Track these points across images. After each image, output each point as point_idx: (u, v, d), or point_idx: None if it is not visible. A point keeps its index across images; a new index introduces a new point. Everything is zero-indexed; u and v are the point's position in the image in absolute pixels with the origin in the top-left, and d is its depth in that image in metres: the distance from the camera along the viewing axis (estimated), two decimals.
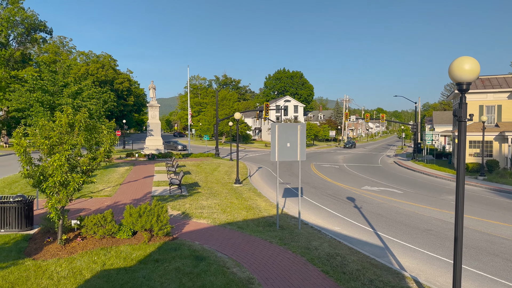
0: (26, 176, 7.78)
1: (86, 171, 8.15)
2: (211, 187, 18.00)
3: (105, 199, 13.98)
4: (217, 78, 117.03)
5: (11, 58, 44.68)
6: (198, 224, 10.83)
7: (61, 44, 68.02)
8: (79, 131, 8.04)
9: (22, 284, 6.30)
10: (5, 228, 9.02)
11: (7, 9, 42.67)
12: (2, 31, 41.92)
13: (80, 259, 7.48)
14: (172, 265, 7.33)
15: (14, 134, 7.92)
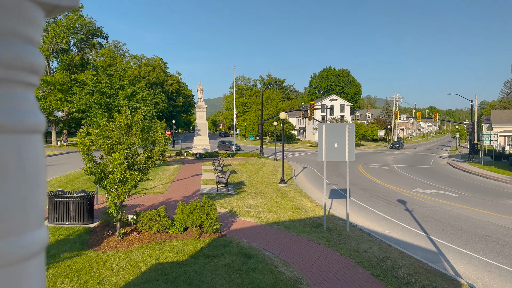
0: (89, 173, 8.39)
1: (142, 169, 8.62)
2: (256, 186, 18.21)
3: (158, 196, 14.66)
4: (261, 78, 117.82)
5: (72, 62, 48.04)
6: (245, 222, 11.03)
7: (115, 48, 71.99)
8: (136, 131, 8.53)
9: (86, 273, 6.81)
10: (69, 221, 9.78)
11: (68, 17, 45.93)
12: (64, 38, 45.20)
13: (137, 252, 7.94)
14: (222, 261, 7.55)
15: (78, 134, 8.57)
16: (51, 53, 45.77)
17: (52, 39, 44.48)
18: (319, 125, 10.30)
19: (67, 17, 45.95)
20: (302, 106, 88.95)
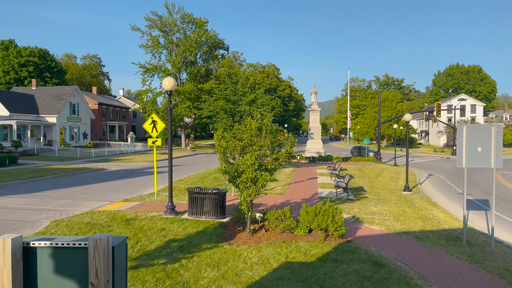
0: (224, 172, 9.12)
1: (270, 170, 9.01)
2: (377, 192, 17.35)
3: (278, 197, 15.14)
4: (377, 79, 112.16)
5: (198, 73, 53.15)
6: (371, 229, 10.59)
7: (234, 58, 77.17)
8: (266, 134, 8.96)
9: (224, 264, 7.40)
10: (205, 215, 10.77)
11: (196, 32, 51.00)
12: (192, 51, 50.32)
13: (266, 249, 8.31)
14: (351, 267, 7.38)
15: (215, 136, 9.41)
16: (182, 66, 51.37)
17: (182, 53, 49.90)
18: (458, 126, 9.30)
19: (195, 32, 51.05)
20: (424, 107, 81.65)
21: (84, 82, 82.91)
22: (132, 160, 33.79)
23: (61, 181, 19.71)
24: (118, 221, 10.39)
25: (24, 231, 9.60)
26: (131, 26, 49.30)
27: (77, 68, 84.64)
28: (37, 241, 3.05)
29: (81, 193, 15.92)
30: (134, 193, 15.85)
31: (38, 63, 63.65)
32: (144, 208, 12.44)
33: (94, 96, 61.64)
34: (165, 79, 11.28)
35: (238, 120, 20.83)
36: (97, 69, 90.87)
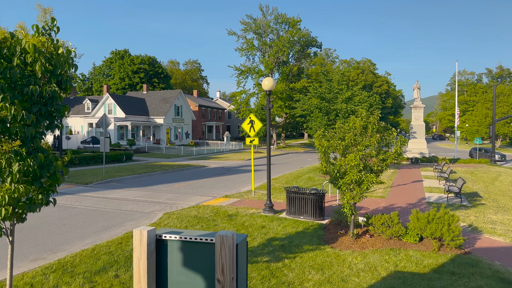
0: (325, 172, 8.88)
1: (376, 172, 8.48)
2: (496, 199, 15.24)
3: (380, 200, 14.29)
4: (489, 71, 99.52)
5: (290, 72, 53.39)
6: (492, 241, 9.29)
7: (326, 55, 75.72)
8: (372, 133, 8.46)
9: (328, 268, 7.17)
10: (303, 215, 10.65)
11: (289, 32, 51.31)
12: (284, 51, 50.76)
13: (372, 256, 7.83)
14: (473, 283, 6.52)
15: (315, 136, 9.21)
16: (274, 66, 52.19)
17: (275, 54, 50.66)
18: None
19: (288, 31, 51.41)
20: None
21: (186, 86, 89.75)
22: (228, 158, 35.39)
23: (169, 176, 21.52)
24: (221, 216, 10.87)
25: (141, 222, 10.65)
26: (228, 31, 51.74)
27: (180, 73, 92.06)
28: (168, 234, 3.25)
29: (186, 188, 17.14)
30: (233, 190, 16.50)
31: (148, 70, 70.83)
32: (243, 205, 12.83)
33: (195, 99, 66.26)
34: (265, 79, 11.44)
35: (334, 118, 20.25)
36: (197, 74, 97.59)
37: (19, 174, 4.07)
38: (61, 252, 7.85)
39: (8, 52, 4.26)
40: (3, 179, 4.08)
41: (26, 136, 4.28)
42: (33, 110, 4.31)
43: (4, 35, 4.21)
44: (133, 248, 3.17)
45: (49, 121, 4.64)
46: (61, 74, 4.49)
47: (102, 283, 6.01)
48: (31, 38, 4.31)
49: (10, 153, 4.01)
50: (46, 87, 4.30)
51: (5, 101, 4.04)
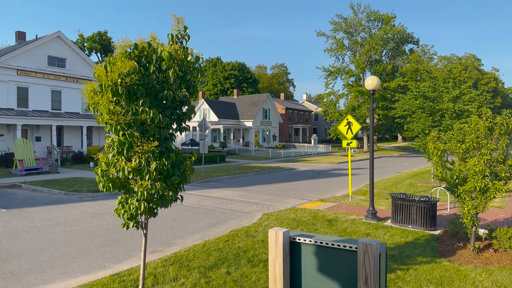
0: (440, 178, 8.09)
1: (504, 178, 7.46)
2: None
3: (498, 211, 12.63)
4: None
5: (383, 71, 50.73)
6: None
7: (422, 52, 70.28)
8: (500, 135, 7.47)
9: (448, 283, 6.48)
10: (411, 224, 9.87)
11: (382, 29, 48.85)
12: (377, 50, 48.44)
13: (500, 273, 6.88)
14: None
15: (428, 138, 8.46)
16: (366, 66, 50.14)
17: (367, 53, 48.64)
18: None
19: (381, 29, 48.99)
20: None
21: (273, 89, 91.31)
22: (317, 161, 34.88)
23: (261, 178, 21.97)
24: (321, 221, 10.65)
25: (242, 221, 10.97)
26: (317, 32, 51.35)
27: (267, 77, 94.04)
28: (302, 237, 3.19)
29: (279, 190, 17.28)
30: (327, 194, 16.13)
31: (237, 75, 73.78)
32: (341, 210, 12.42)
33: (282, 102, 66.98)
34: (368, 78, 10.92)
35: (439, 119, 18.53)
36: (284, 77, 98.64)
37: (155, 172, 4.40)
38: (175, 246, 8.43)
39: (145, 60, 4.66)
40: (142, 176, 4.47)
41: (161, 138, 4.63)
42: (166, 114, 4.64)
43: (142, 45, 4.60)
44: (268, 249, 3.18)
45: (178, 124, 4.96)
46: (190, 79, 4.77)
47: (216, 279, 6.26)
48: (166, 47, 4.65)
49: (149, 153, 4.36)
50: (178, 92, 4.59)
51: (144, 105, 4.41)
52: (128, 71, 4.29)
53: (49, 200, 13.99)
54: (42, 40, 28.77)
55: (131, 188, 4.70)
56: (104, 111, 4.29)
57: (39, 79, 28.48)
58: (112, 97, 4.35)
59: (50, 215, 11.48)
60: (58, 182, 17.55)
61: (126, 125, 4.35)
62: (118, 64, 4.30)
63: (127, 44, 4.53)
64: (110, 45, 57.45)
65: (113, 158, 4.48)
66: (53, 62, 29.57)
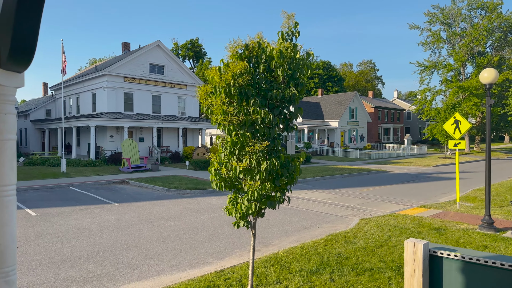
0: None
1: None
2: None
3: None
4: None
5: (488, 64, 45.29)
6: None
7: None
8: None
9: None
10: None
11: (486, 18, 43.64)
12: (481, 40, 43.42)
13: None
14: None
15: None
16: (467, 58, 45.34)
17: (468, 44, 43.94)
18: None
19: (485, 17, 43.86)
20: None
21: (359, 87, 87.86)
22: (412, 164, 32.45)
23: (350, 180, 21.12)
24: (426, 229, 9.73)
25: (337, 225, 10.56)
26: (409, 25, 47.98)
27: (352, 75, 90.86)
28: (444, 251, 2.81)
29: (373, 193, 16.36)
30: (429, 200, 14.78)
31: (322, 74, 72.56)
32: (449, 217, 11.23)
33: (370, 100, 64.01)
34: (484, 71, 9.66)
35: None
36: (371, 74, 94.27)
37: (265, 173, 4.34)
38: (272, 246, 8.41)
39: (255, 60, 4.63)
40: (252, 176, 4.44)
41: (271, 137, 4.55)
42: (274, 113, 4.56)
43: (252, 45, 4.58)
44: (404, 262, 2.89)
45: (285, 124, 4.85)
46: (299, 77, 4.62)
47: (319, 284, 6.04)
48: (275, 46, 4.57)
49: (259, 153, 4.31)
50: (287, 90, 4.48)
51: (255, 105, 4.37)
52: (240, 71, 4.30)
53: (153, 196, 15.20)
54: (144, 49, 31.63)
55: (240, 187, 4.72)
56: (218, 112, 4.37)
57: (142, 85, 31.36)
58: (224, 98, 4.41)
59: (155, 209, 12.43)
60: (160, 179, 19.03)
61: (238, 125, 4.37)
62: (230, 65, 4.34)
63: (238, 45, 4.56)
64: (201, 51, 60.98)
65: (225, 158, 4.54)
66: (154, 69, 32.31)
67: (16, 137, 1.30)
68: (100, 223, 10.41)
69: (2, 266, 1.19)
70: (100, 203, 13.50)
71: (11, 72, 1.20)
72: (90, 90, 32.04)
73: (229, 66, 4.45)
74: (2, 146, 1.19)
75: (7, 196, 1.20)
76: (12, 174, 1.22)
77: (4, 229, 1.20)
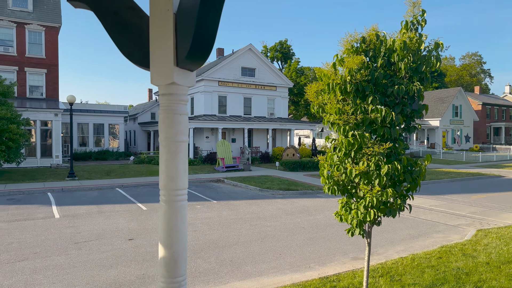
0: None
1: None
2: None
3: None
4: None
5: None
6: None
7: None
8: None
9: None
10: None
11: None
12: None
13: None
14: None
15: None
16: None
17: None
18: None
19: None
20: None
21: (463, 82, 79.34)
22: None
23: (458, 186, 19.00)
24: None
25: (450, 235, 9.47)
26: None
27: (454, 70, 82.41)
28: None
29: (487, 201, 14.44)
30: None
31: None
32: None
33: (476, 96, 57.31)
34: None
35: None
36: (477, 67, 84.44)
37: (386, 177, 3.95)
38: (377, 255, 7.85)
39: (372, 54, 4.27)
40: (369, 180, 4.09)
41: (391, 138, 4.15)
42: (395, 111, 4.14)
43: (370, 38, 4.22)
44: None
45: (406, 123, 4.39)
46: (424, 71, 4.13)
47: None
48: (398, 37, 4.16)
49: (379, 155, 3.94)
50: (410, 85, 4.03)
51: (374, 103, 4.02)
52: (358, 67, 3.99)
53: (248, 195, 15.54)
54: (236, 54, 32.79)
55: (354, 192, 4.40)
56: (332, 111, 4.11)
57: (234, 88, 32.56)
58: (339, 96, 4.14)
59: (251, 208, 12.64)
60: (252, 179, 19.43)
61: (355, 125, 4.05)
62: (346, 60, 4.05)
63: (354, 39, 4.25)
64: (289, 52, 61.17)
65: (338, 160, 4.26)
66: (245, 72, 33.31)
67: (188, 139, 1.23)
68: (202, 220, 10.92)
69: (175, 275, 1.11)
70: (200, 200, 14.23)
71: (185, 70, 1.13)
72: (189, 95, 34.29)
73: (344, 61, 4.17)
74: (177, 148, 1.12)
75: (180, 201, 1.14)
76: (184, 177, 1.15)
77: (177, 236, 1.13)
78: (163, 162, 1.14)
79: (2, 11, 26.34)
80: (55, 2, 28.88)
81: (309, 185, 17.50)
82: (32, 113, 24.36)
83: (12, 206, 12.63)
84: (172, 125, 1.12)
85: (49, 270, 6.79)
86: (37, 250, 7.89)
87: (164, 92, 1.14)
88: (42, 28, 27.54)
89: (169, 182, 1.12)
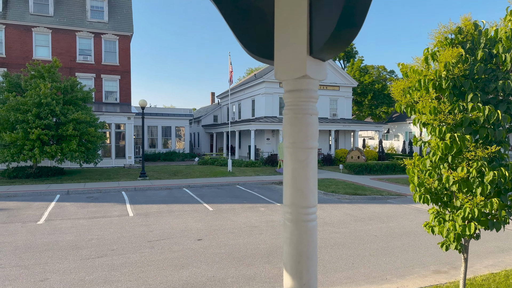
0: None
1: None
2: None
3: None
4: None
5: None
6: None
7: None
8: None
9: None
10: None
11: None
12: None
13: None
14: None
15: None
16: None
17: None
18: None
19: None
20: None
21: None
22: None
23: None
24: None
25: None
26: None
27: None
28: None
29: None
30: None
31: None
32: None
33: None
34: None
35: None
36: None
37: (490, 186, 3.44)
38: (459, 269, 7.08)
39: (470, 45, 3.76)
40: (469, 189, 3.59)
41: (496, 141, 3.62)
42: (500, 109, 3.60)
43: (467, 28, 3.73)
44: None
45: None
46: None
47: None
48: (502, 25, 3.62)
49: (482, 160, 3.44)
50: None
51: (474, 100, 3.52)
52: (455, 60, 3.53)
53: None
54: None
55: (449, 202, 3.91)
56: (426, 110, 3.69)
57: None
58: (432, 94, 3.70)
59: (317, 213, 12.25)
60: None
61: (454, 125, 3.59)
62: (442, 53, 3.60)
63: (448, 30, 3.78)
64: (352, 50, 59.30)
65: (431, 165, 3.81)
66: None
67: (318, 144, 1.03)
68: (267, 222, 10.79)
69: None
70: (263, 202, 14.14)
71: (318, 61, 0.92)
72: (250, 97, 34.68)
73: (436, 55, 3.72)
74: (308, 156, 0.92)
75: (311, 220, 0.93)
76: (315, 192, 0.95)
77: (308, 264, 0.93)
78: (289, 172, 0.95)
79: (82, 23, 28.76)
80: (128, 12, 30.87)
81: (378, 190, 16.61)
82: (108, 117, 26.24)
83: (91, 203, 13.58)
84: (301, 127, 0.93)
85: (125, 267, 7.08)
86: (114, 247, 8.30)
87: (292, 88, 0.95)
88: (116, 37, 29.59)
89: (297, 198, 0.92)
